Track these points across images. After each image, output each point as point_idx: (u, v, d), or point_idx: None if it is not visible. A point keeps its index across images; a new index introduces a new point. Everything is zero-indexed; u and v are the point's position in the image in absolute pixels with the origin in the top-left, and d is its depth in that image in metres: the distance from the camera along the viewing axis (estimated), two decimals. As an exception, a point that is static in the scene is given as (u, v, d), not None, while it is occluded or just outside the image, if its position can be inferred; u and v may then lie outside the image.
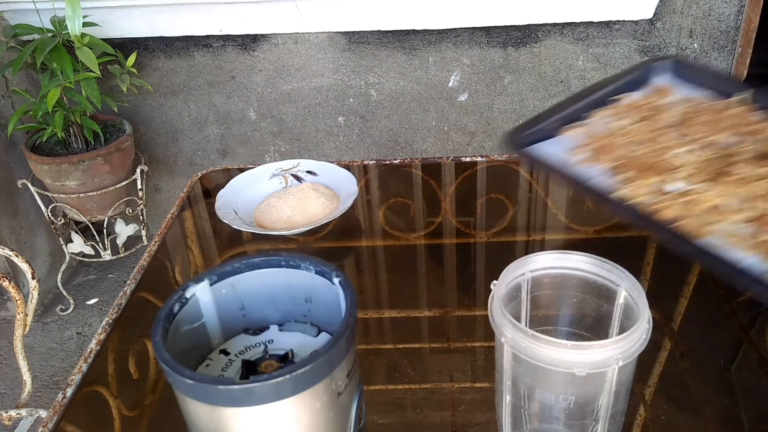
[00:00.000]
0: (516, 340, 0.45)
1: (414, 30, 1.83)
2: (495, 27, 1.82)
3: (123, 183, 1.85)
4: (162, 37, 1.88)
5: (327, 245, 0.90)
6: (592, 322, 0.55)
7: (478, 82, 1.91)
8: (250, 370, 0.48)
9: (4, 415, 1.10)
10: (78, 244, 1.96)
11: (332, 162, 1.00)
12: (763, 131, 0.72)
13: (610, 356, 0.44)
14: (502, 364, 0.49)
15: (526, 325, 0.54)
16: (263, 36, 1.87)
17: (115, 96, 1.84)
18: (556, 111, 0.80)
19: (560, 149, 0.76)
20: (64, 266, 1.97)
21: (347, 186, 0.93)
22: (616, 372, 0.46)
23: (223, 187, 0.95)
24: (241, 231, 0.88)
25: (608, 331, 0.53)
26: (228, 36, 1.87)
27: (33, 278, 1.06)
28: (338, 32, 1.85)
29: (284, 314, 0.53)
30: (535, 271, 0.52)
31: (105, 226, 1.92)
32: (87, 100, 1.68)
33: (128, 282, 0.82)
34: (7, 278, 1.04)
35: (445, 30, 1.83)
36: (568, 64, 1.87)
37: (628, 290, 0.49)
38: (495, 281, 0.50)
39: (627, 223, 0.64)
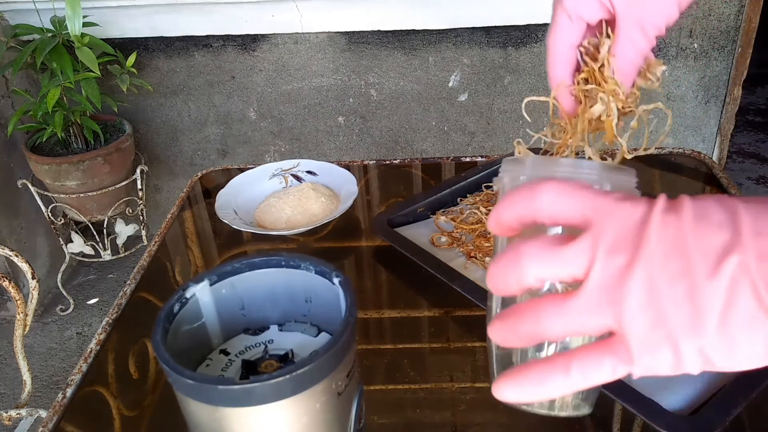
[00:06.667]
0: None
1: (414, 30, 1.83)
2: (495, 27, 1.82)
3: (123, 183, 1.85)
4: (162, 37, 1.88)
5: (327, 245, 0.90)
6: None
7: (478, 82, 1.91)
8: (250, 370, 0.48)
9: (4, 415, 1.10)
10: (78, 244, 1.96)
11: (332, 162, 1.00)
12: None
13: None
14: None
15: None
16: (263, 36, 1.87)
17: (115, 96, 1.84)
18: (431, 194, 0.89)
19: (427, 232, 0.85)
20: (64, 266, 1.97)
21: (347, 186, 0.93)
22: None
23: (223, 187, 0.95)
24: (241, 231, 0.88)
25: None
26: (228, 36, 1.87)
27: (33, 278, 1.07)
28: (338, 32, 1.85)
29: (284, 314, 0.53)
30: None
31: (105, 226, 1.92)
32: (87, 100, 1.68)
33: (128, 282, 0.82)
34: (7, 278, 1.04)
35: (445, 30, 1.83)
36: (568, 64, 1.86)
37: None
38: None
39: (475, 302, 0.70)
